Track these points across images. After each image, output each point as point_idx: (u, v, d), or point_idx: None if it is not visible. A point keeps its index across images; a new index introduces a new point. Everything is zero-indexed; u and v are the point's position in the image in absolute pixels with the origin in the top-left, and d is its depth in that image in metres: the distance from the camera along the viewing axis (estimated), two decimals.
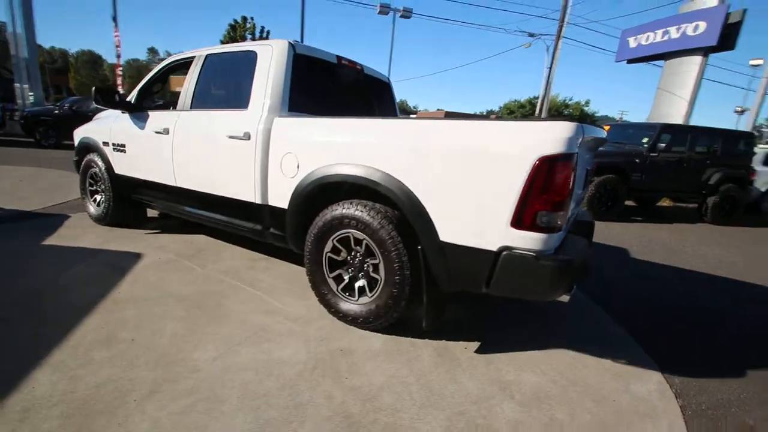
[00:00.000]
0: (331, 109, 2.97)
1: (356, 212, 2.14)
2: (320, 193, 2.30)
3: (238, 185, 2.69)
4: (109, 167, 3.70)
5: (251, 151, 2.54)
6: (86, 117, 10.13)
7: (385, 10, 18.43)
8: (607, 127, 8.19)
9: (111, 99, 3.37)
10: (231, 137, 2.63)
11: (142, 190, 3.54)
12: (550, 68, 22.23)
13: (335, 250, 2.31)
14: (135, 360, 1.83)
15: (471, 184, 1.79)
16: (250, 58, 2.72)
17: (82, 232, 3.70)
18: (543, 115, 21.91)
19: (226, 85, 2.97)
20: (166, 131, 3.06)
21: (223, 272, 2.99)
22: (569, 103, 43.36)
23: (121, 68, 15.77)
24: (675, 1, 17.38)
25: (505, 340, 2.29)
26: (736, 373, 2.22)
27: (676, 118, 16.84)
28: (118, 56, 15.42)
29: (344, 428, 1.52)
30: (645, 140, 6.95)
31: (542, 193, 1.64)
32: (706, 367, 2.25)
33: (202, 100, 3.00)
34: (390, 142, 1.99)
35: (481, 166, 1.75)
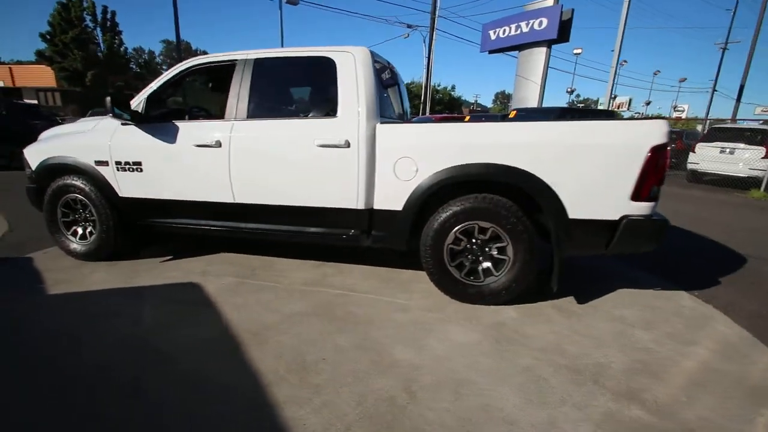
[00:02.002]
0: (390, 111, 3.12)
1: (483, 204, 2.45)
2: (440, 192, 2.51)
3: (333, 193, 2.68)
4: (108, 191, 3.11)
5: (353, 158, 2.57)
6: None
7: None
8: (513, 113, 9.67)
9: (129, 109, 2.85)
10: (323, 146, 2.60)
11: (166, 213, 3.10)
12: (429, 58, 24.21)
13: (456, 241, 2.57)
14: (369, 374, 1.86)
15: (597, 171, 2.28)
16: (324, 64, 2.68)
17: (80, 274, 3.07)
18: (427, 99, 23.91)
19: (292, 92, 2.84)
20: (218, 144, 2.78)
21: (308, 284, 2.93)
22: (438, 88, 47.73)
23: None
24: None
25: (584, 292, 2.90)
26: (717, 282, 3.25)
27: (532, 99, 20.29)
28: None
29: (574, 373, 1.90)
30: None
31: (655, 172, 2.23)
32: (700, 282, 3.22)
33: (262, 109, 2.81)
34: (524, 141, 2.33)
35: (605, 156, 2.25)
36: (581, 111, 9.08)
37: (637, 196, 2.27)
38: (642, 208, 2.30)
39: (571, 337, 2.27)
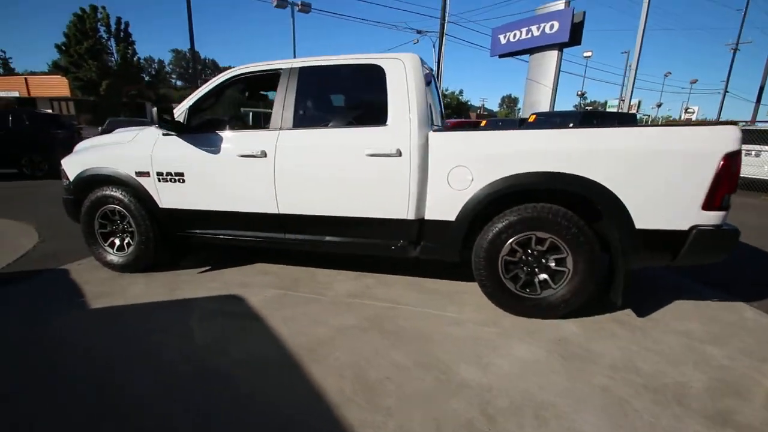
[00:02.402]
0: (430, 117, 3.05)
1: (542, 214, 2.36)
2: (495, 201, 2.43)
3: (383, 203, 2.61)
4: (148, 202, 3.08)
5: (404, 167, 2.50)
6: None
7: (282, 3, 17.62)
8: (533, 117, 9.58)
9: (173, 120, 2.83)
10: (373, 155, 2.54)
11: (208, 224, 3.06)
12: (438, 63, 24.25)
13: (512, 252, 2.49)
14: (439, 395, 1.77)
15: (666, 179, 2.18)
16: (373, 72, 2.63)
17: (119, 286, 3.03)
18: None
19: (339, 101, 2.79)
20: (263, 154, 2.73)
21: (353, 296, 2.86)
22: (446, 93, 47.87)
23: None
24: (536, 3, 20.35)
25: (641, 304, 2.77)
26: None
27: (544, 103, 20.13)
28: None
29: (655, 393, 1.80)
30: (571, 125, 8.40)
31: (728, 180, 2.12)
32: (755, 292, 3.09)
33: (309, 118, 2.77)
34: (589, 148, 2.24)
35: (676, 164, 2.16)
36: (603, 114, 8.97)
37: (708, 205, 2.17)
38: (713, 217, 2.19)
39: (640, 353, 2.16)
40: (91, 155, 3.26)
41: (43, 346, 2.18)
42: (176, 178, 2.96)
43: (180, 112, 2.97)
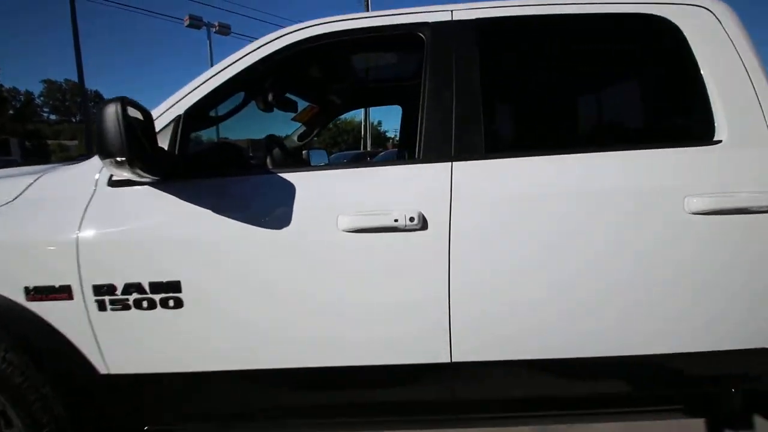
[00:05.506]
0: None
1: None
2: None
3: (717, 311, 1.13)
4: (66, 361, 1.16)
5: None
6: None
7: (197, 23, 15.31)
8: None
9: (151, 157, 1.01)
10: (706, 212, 1.07)
11: (244, 400, 1.24)
12: None
13: None
14: None
15: None
16: (648, 31, 1.22)
17: None
18: (367, 135, 22.64)
19: (576, 92, 1.28)
20: (420, 222, 1.07)
21: None
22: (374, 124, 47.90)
23: None
24: None
25: None
26: None
27: None
28: None
29: None
30: None
31: None
32: None
33: (518, 133, 1.20)
34: None
35: None
36: None
37: None
38: None
39: None
40: None
41: None
42: (155, 297, 1.10)
43: (161, 126, 1.17)
